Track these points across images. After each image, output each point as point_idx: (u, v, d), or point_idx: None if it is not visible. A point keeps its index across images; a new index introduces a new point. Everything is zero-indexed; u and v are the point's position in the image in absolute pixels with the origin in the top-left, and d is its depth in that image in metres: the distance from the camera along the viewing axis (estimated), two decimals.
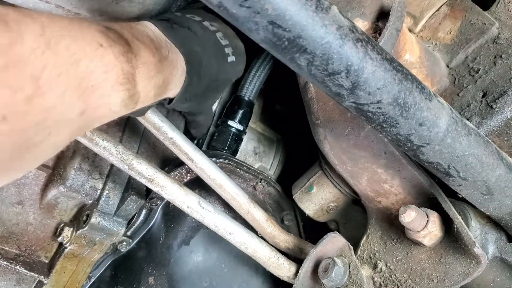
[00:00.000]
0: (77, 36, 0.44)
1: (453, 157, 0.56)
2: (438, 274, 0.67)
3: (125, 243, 0.88)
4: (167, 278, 0.90)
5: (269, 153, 1.20)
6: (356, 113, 0.51)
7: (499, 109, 0.67)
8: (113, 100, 0.49)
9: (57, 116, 0.41)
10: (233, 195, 0.85)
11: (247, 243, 0.79)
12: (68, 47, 0.42)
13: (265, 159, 1.19)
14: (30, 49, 0.38)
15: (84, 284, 0.86)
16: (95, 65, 0.45)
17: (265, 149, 1.19)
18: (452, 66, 0.77)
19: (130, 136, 0.90)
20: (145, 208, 0.90)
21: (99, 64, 0.45)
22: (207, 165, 0.84)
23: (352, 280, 0.72)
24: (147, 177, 0.75)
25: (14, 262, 0.77)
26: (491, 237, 0.70)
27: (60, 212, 0.83)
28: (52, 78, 0.40)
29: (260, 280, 0.95)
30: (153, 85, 0.57)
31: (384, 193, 0.78)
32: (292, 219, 1.02)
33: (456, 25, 0.77)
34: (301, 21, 0.40)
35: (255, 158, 1.16)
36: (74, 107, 0.43)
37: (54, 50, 0.40)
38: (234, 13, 0.39)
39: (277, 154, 1.21)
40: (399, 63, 0.49)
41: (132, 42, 0.53)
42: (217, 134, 1.08)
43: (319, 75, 0.45)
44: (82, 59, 0.43)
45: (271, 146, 1.21)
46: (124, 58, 0.49)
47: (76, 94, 0.43)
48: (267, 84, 1.09)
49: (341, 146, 0.77)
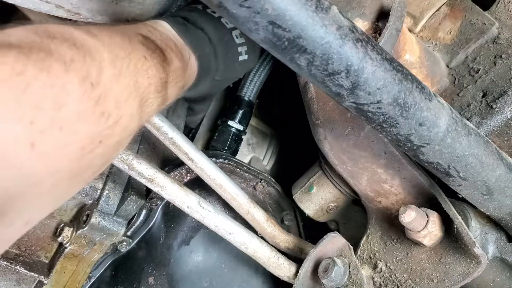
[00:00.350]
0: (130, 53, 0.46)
1: (453, 157, 0.56)
2: (438, 274, 0.67)
3: (125, 243, 0.88)
4: (167, 278, 0.90)
5: (262, 144, 1.20)
6: (356, 113, 0.51)
7: (499, 109, 0.67)
8: (153, 107, 0.52)
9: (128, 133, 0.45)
10: (233, 195, 0.85)
11: (247, 243, 0.79)
12: (129, 67, 0.45)
13: (258, 150, 1.19)
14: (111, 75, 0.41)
15: (84, 284, 0.86)
16: (145, 79, 0.48)
17: (258, 140, 1.20)
18: (452, 66, 0.77)
19: None
20: (145, 208, 0.90)
21: (145, 77, 0.48)
22: (207, 165, 0.84)
23: (352, 280, 0.72)
24: (147, 177, 0.75)
25: (14, 262, 0.77)
26: (491, 237, 0.70)
27: (60, 212, 0.83)
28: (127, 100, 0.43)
29: (260, 280, 0.95)
30: (178, 88, 0.60)
31: (384, 193, 0.78)
32: (292, 219, 1.02)
33: (456, 25, 0.77)
34: (301, 21, 0.40)
35: (248, 148, 1.17)
36: (136, 120, 0.46)
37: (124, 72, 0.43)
38: (234, 13, 0.39)
39: (270, 146, 1.22)
40: (399, 63, 0.49)
41: (166, 51, 0.55)
42: (217, 134, 1.08)
43: (319, 75, 0.45)
44: (139, 76, 0.46)
45: (264, 138, 1.22)
46: (161, 68, 0.52)
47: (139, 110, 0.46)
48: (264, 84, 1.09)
49: (341, 146, 0.77)
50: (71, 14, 0.68)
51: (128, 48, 0.46)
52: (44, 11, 0.66)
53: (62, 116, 0.35)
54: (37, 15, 0.77)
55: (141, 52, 0.49)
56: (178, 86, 0.60)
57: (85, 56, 0.39)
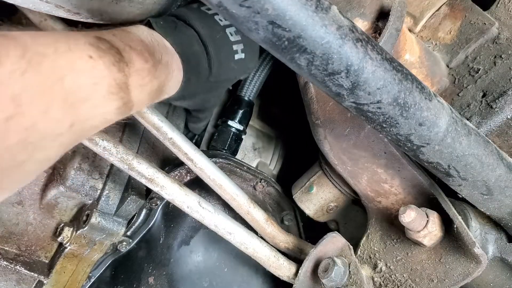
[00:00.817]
0: (63, 51, 0.45)
1: (453, 157, 0.56)
2: (438, 274, 0.67)
3: (125, 243, 0.88)
4: (167, 278, 0.90)
5: (268, 148, 1.20)
6: (356, 113, 0.51)
7: (499, 109, 0.67)
8: (107, 109, 0.50)
9: (41, 133, 0.42)
10: (233, 195, 0.85)
11: (247, 243, 0.79)
12: (52, 65, 0.43)
13: (264, 154, 1.19)
14: (9, 72, 0.39)
15: (84, 284, 0.86)
16: (83, 78, 0.46)
17: (264, 144, 1.19)
18: (452, 66, 0.77)
19: (130, 136, 0.90)
20: (145, 208, 0.90)
21: (88, 76, 0.46)
22: (207, 165, 0.84)
23: (352, 280, 0.72)
24: (147, 177, 0.75)
25: (14, 262, 0.77)
26: (491, 237, 0.70)
27: (60, 212, 0.83)
28: (33, 97, 0.40)
29: (260, 280, 0.95)
30: (148, 91, 0.57)
31: (384, 193, 0.78)
32: (292, 219, 1.02)
33: (456, 25, 0.77)
34: (301, 21, 0.40)
35: (254, 153, 1.17)
36: (61, 121, 0.44)
37: (36, 69, 0.41)
38: (234, 13, 0.39)
39: (276, 150, 1.21)
40: (399, 63, 0.49)
41: (124, 51, 0.53)
42: (217, 134, 1.08)
43: (319, 75, 0.45)
44: (68, 74, 0.44)
45: (270, 142, 1.21)
46: (115, 67, 0.50)
47: (62, 109, 0.44)
48: (265, 83, 1.09)
49: (341, 146, 0.77)
50: (71, 14, 0.68)
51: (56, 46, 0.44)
52: (44, 11, 0.66)
53: None
54: (37, 15, 0.77)
55: (85, 51, 0.47)
56: (148, 89, 0.57)
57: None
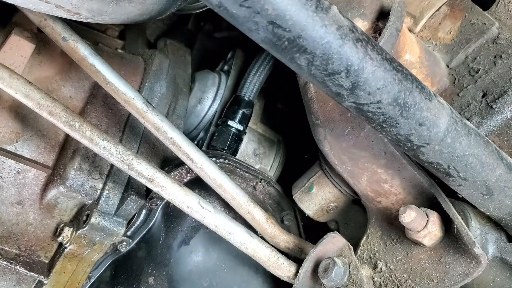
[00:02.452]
0: None
1: (453, 157, 0.56)
2: (438, 274, 0.67)
3: (125, 243, 0.88)
4: (167, 278, 0.90)
5: (269, 154, 1.20)
6: (356, 113, 0.51)
7: (499, 109, 0.67)
8: None
9: None
10: (233, 195, 0.85)
11: (247, 243, 0.79)
12: None
13: (265, 160, 1.18)
14: None
15: (84, 284, 0.86)
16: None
17: (265, 150, 1.19)
18: (452, 66, 0.77)
19: (130, 136, 0.90)
20: (145, 208, 0.90)
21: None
22: (207, 165, 0.84)
23: (352, 280, 0.72)
24: (147, 177, 0.75)
25: (14, 262, 0.77)
26: (491, 237, 0.70)
27: (60, 212, 0.83)
28: None
29: (260, 280, 0.95)
30: None
31: (384, 193, 0.78)
32: (292, 219, 1.02)
33: (456, 25, 0.77)
34: (301, 21, 0.40)
35: (255, 159, 1.16)
36: None
37: None
38: (234, 13, 0.39)
39: (277, 156, 1.21)
40: (399, 63, 0.49)
41: None
42: (217, 134, 1.08)
43: (319, 75, 0.45)
44: None
45: (271, 147, 1.21)
46: None
47: None
48: (269, 83, 1.09)
49: (341, 146, 0.77)
50: (71, 14, 0.68)
51: None
52: (44, 11, 0.66)
53: None
54: (37, 15, 0.77)
55: None
56: None
57: None
